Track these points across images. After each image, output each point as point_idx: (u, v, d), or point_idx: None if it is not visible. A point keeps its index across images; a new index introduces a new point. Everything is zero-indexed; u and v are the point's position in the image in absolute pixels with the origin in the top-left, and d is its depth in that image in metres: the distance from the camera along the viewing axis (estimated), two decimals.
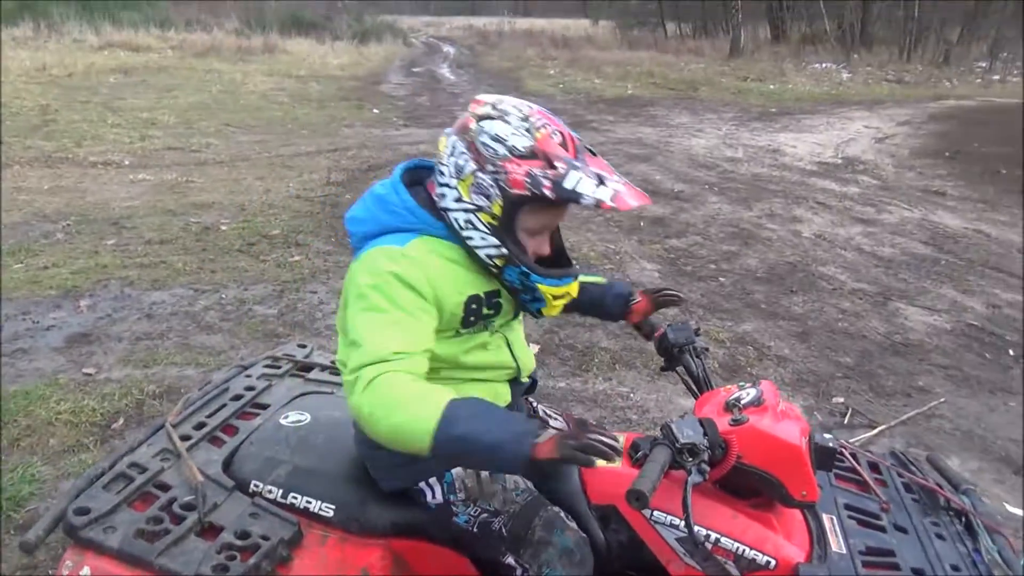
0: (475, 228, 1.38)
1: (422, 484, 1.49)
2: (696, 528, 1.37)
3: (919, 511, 1.59)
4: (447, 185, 1.38)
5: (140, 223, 5.89)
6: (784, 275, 5.28)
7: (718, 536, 1.41)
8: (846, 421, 3.45)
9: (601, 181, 1.32)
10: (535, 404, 1.77)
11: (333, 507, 1.49)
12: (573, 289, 1.47)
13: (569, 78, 18.88)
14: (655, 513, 1.44)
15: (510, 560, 1.42)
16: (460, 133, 1.38)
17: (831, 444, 1.47)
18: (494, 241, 1.37)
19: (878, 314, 4.67)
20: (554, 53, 25.74)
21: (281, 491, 1.51)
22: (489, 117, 1.36)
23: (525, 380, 1.60)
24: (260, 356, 2.07)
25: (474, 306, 1.43)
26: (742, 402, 1.43)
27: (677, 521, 1.43)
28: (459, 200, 1.37)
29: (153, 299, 4.41)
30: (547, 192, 1.31)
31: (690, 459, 1.25)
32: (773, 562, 1.39)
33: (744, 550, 1.40)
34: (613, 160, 8.96)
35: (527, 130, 1.34)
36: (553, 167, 1.32)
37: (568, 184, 1.31)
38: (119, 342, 3.84)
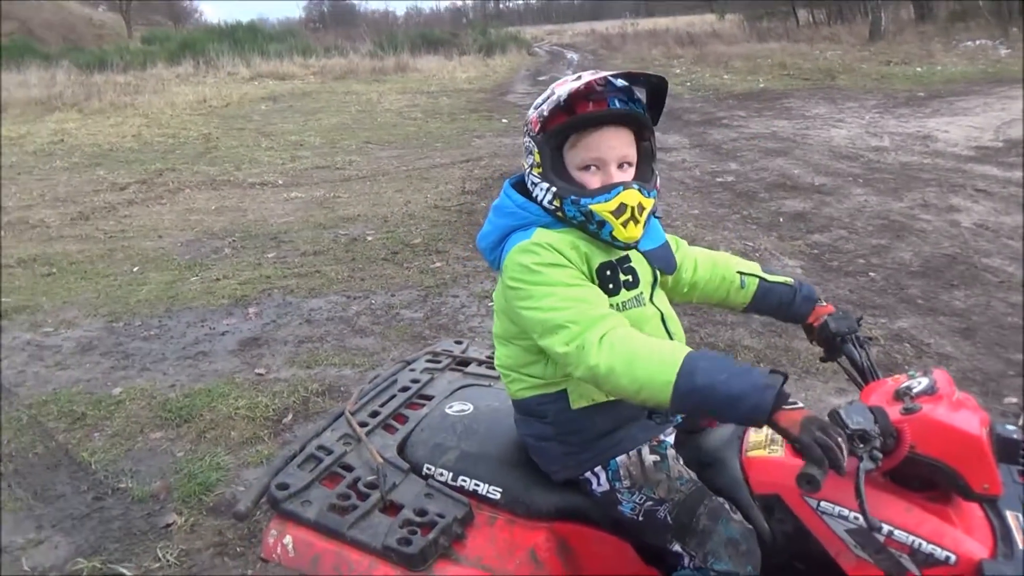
0: (536, 185, 1.46)
1: (588, 473, 1.54)
2: (871, 517, 1.35)
3: None
4: (528, 172, 1.49)
5: (295, 237, 6.36)
6: (942, 268, 4.94)
7: (891, 529, 1.37)
8: (1021, 422, 3.17)
9: (579, 78, 1.40)
10: None
11: (500, 490, 1.58)
12: (628, 198, 1.40)
13: (696, 75, 18.49)
14: (822, 504, 1.42)
15: (676, 548, 1.44)
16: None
17: (1015, 436, 1.40)
18: (546, 185, 1.44)
19: None
20: (679, 51, 25.28)
21: (451, 474, 1.61)
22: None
23: None
24: (421, 352, 2.21)
25: (608, 273, 1.47)
26: (914, 391, 1.39)
27: (846, 512, 1.40)
28: (528, 174, 1.49)
29: (311, 306, 4.76)
30: (545, 111, 1.41)
31: (861, 446, 1.22)
32: (953, 557, 1.33)
33: (920, 544, 1.35)
34: (746, 156, 8.75)
35: (552, 87, 1.46)
36: (555, 93, 1.42)
37: (553, 94, 1.41)
38: (284, 345, 4.18)
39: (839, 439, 1.18)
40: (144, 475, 2.99)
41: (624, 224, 1.41)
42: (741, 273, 1.76)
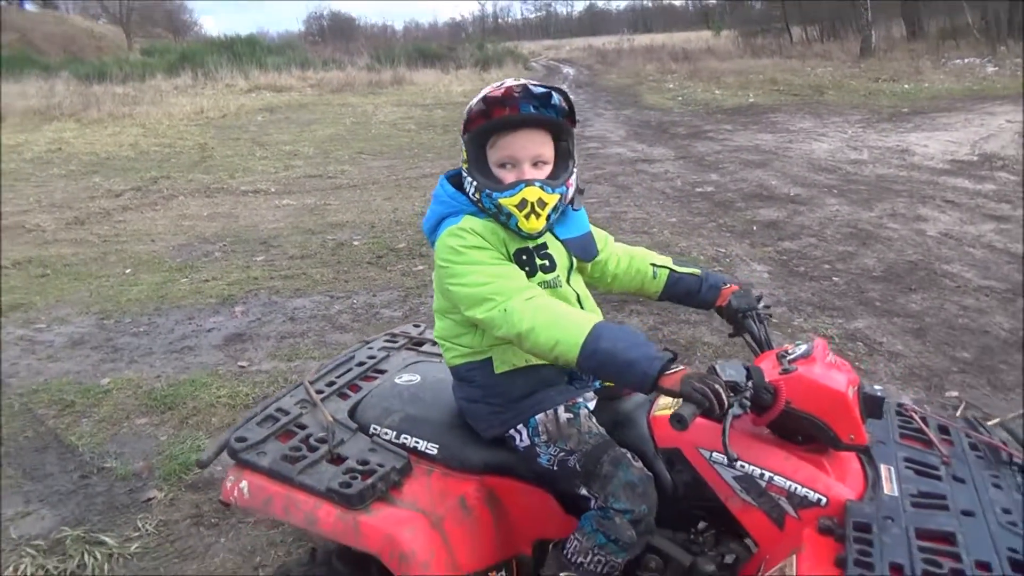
0: (465, 178, 1.67)
1: (512, 431, 1.73)
2: (746, 464, 1.55)
3: (981, 466, 1.66)
4: (462, 166, 1.70)
5: (284, 242, 6.56)
6: (903, 274, 5.15)
7: (772, 475, 1.56)
8: (959, 413, 3.37)
9: (500, 86, 1.61)
10: None
11: (437, 447, 1.77)
12: (529, 194, 1.59)
13: (688, 90, 18.78)
14: (714, 455, 1.61)
15: (584, 492, 1.64)
16: None
17: (879, 394, 1.60)
18: (470, 179, 1.65)
19: (1004, 310, 4.47)
20: (673, 66, 25.62)
21: (395, 433, 1.81)
22: None
23: None
24: (380, 333, 2.40)
25: (524, 257, 1.67)
26: (791, 355, 1.58)
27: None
28: (462, 168, 1.69)
29: (295, 305, 4.95)
30: (469, 114, 1.62)
31: (732, 395, 1.42)
32: (824, 499, 1.52)
33: (796, 488, 1.54)
34: (728, 167, 8.98)
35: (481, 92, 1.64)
36: (477, 97, 1.62)
37: (477, 98, 1.61)
38: (267, 340, 4.37)
39: (716, 385, 1.38)
40: (128, 456, 3.18)
41: (527, 216, 1.61)
42: (654, 265, 1.98)
